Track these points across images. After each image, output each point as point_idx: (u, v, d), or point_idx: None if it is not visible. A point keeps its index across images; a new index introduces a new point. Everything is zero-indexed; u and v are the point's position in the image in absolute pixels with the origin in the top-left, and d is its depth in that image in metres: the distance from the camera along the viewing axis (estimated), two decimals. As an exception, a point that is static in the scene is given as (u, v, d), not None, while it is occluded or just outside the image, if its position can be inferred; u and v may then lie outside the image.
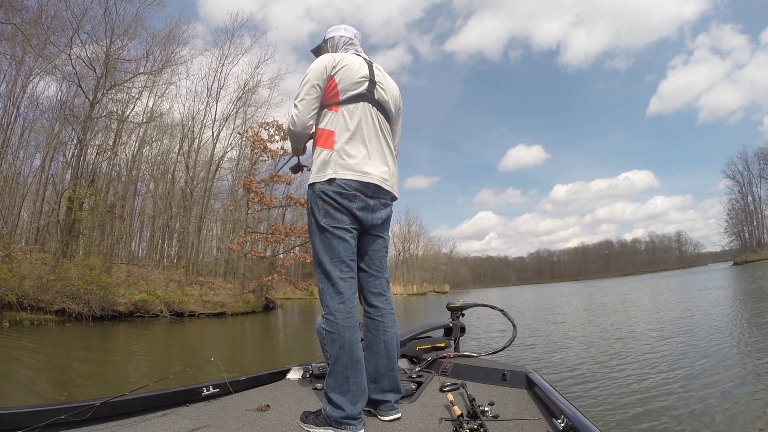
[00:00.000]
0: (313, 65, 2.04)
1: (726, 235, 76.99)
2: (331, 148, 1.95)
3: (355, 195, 1.93)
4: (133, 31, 24.03)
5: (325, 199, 1.91)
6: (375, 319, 2.05)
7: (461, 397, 2.08)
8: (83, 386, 6.30)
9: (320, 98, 2.02)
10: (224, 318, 20.44)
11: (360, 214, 1.96)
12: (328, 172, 1.93)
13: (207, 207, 28.80)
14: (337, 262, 1.91)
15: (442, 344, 3.18)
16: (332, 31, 2.31)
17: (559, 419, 1.64)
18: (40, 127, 23.91)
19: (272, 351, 10.80)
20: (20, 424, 1.58)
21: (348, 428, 1.77)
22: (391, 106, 2.16)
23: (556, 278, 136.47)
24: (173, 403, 2.13)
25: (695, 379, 5.40)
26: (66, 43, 21.64)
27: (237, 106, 28.87)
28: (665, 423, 3.99)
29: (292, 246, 26.39)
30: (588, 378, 5.84)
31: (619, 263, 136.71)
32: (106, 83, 22.33)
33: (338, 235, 1.91)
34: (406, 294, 64.72)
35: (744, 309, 12.66)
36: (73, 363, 8.43)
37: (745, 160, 69.80)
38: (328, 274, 1.90)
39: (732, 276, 34.11)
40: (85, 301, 15.78)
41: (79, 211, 19.08)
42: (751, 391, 4.74)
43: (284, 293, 37.22)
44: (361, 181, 1.94)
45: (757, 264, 53.39)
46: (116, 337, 12.93)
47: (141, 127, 26.67)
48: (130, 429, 1.78)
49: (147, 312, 18.13)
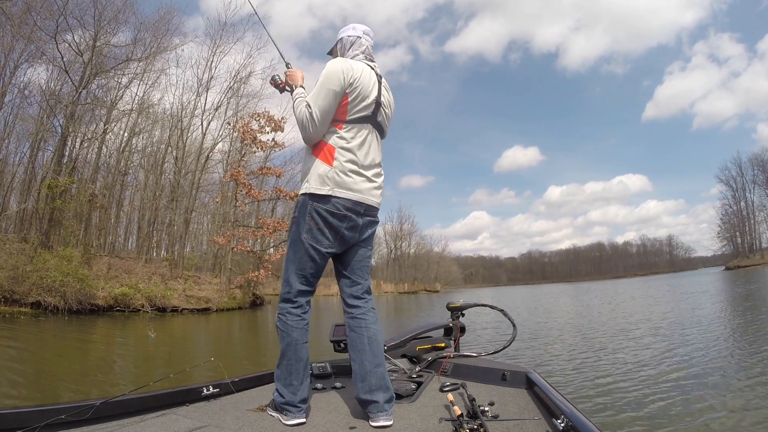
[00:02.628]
0: (330, 71, 2.03)
1: (718, 240, 77.30)
2: (329, 164, 1.98)
3: (346, 216, 1.98)
4: (122, 17, 23.45)
5: (315, 217, 1.97)
6: (357, 318, 2.08)
7: (461, 397, 2.08)
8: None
9: (337, 105, 2.02)
10: (208, 314, 19.74)
11: (347, 234, 2.03)
12: (324, 188, 1.96)
13: (195, 199, 28.07)
14: (300, 275, 2.03)
15: (442, 344, 3.18)
16: (342, 31, 2.30)
17: (559, 419, 1.63)
18: (26, 115, 23.14)
19: (255, 351, 10.22)
20: (20, 424, 1.57)
21: (287, 414, 1.91)
22: (387, 125, 2.23)
23: (547, 279, 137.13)
24: (173, 402, 2.13)
25: (695, 378, 5.50)
26: (53, 28, 21.07)
27: (228, 96, 28.15)
28: (665, 423, 4.03)
29: (281, 241, 25.67)
30: (587, 378, 5.91)
31: (610, 266, 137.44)
32: (93, 69, 21.68)
33: (310, 254, 2.00)
34: (397, 292, 64.14)
35: (741, 312, 12.58)
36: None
37: (739, 165, 70.09)
38: (289, 283, 2.04)
39: (727, 279, 33.98)
40: (61, 293, 15.04)
41: (59, 199, 18.31)
42: (751, 392, 4.79)
43: (274, 289, 36.46)
44: (355, 200, 1.99)
45: (749, 269, 53.54)
46: (87, 333, 12.23)
47: (129, 116, 26.00)
48: (130, 429, 1.78)
49: (127, 306, 17.38)
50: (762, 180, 67.44)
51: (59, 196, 18.52)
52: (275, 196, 24.49)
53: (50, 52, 21.48)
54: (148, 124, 28.27)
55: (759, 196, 68.47)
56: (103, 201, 22.84)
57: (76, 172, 21.90)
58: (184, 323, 16.10)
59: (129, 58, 23.90)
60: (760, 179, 67.66)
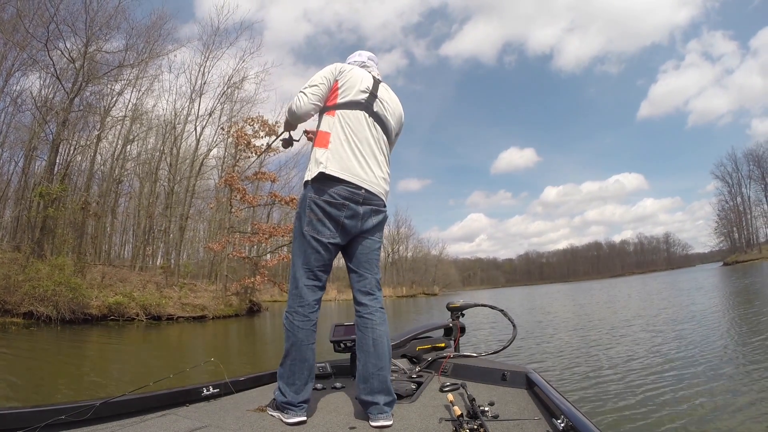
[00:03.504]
0: (329, 67, 2.18)
1: (715, 236, 77.47)
2: (325, 147, 2.04)
3: (344, 204, 2.00)
4: (114, 23, 23.22)
5: (314, 209, 2.00)
6: (364, 317, 2.08)
7: (461, 397, 2.08)
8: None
9: (327, 92, 2.13)
10: (204, 322, 19.43)
11: (348, 223, 2.04)
12: (319, 167, 1.99)
13: (190, 206, 27.81)
14: (306, 269, 2.03)
15: (442, 344, 3.18)
16: (349, 58, 2.46)
17: (559, 419, 1.63)
18: (19, 124, 23.02)
19: (252, 357, 10.02)
20: (20, 424, 1.57)
21: (288, 413, 1.89)
22: (392, 124, 2.26)
23: (545, 280, 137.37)
24: (173, 403, 2.13)
25: (694, 378, 5.43)
26: (44, 36, 20.87)
27: (222, 101, 27.95)
28: (665, 423, 4.01)
29: (278, 246, 25.42)
30: (587, 377, 5.86)
31: (608, 264, 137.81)
32: (85, 76, 21.46)
33: (313, 246, 2.01)
34: (395, 296, 63.93)
35: (743, 308, 12.51)
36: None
37: (734, 161, 70.42)
38: (295, 278, 2.04)
39: (727, 275, 33.93)
40: (54, 303, 14.76)
41: (51, 207, 18.05)
42: (749, 391, 4.75)
43: (272, 296, 36.11)
44: (351, 186, 2.01)
45: (747, 264, 53.57)
46: (79, 342, 11.98)
47: (123, 123, 25.79)
48: (130, 429, 1.78)
49: (122, 315, 17.03)
50: (758, 175, 67.83)
51: (51, 204, 18.25)
52: (270, 202, 24.23)
53: (42, 59, 21.31)
54: (142, 131, 28.08)
55: (755, 191, 68.94)
56: (96, 209, 22.55)
57: (68, 179, 21.68)
58: (179, 331, 15.84)
59: (122, 64, 23.71)
60: (755, 174, 68.13)
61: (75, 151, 22.54)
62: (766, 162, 66.70)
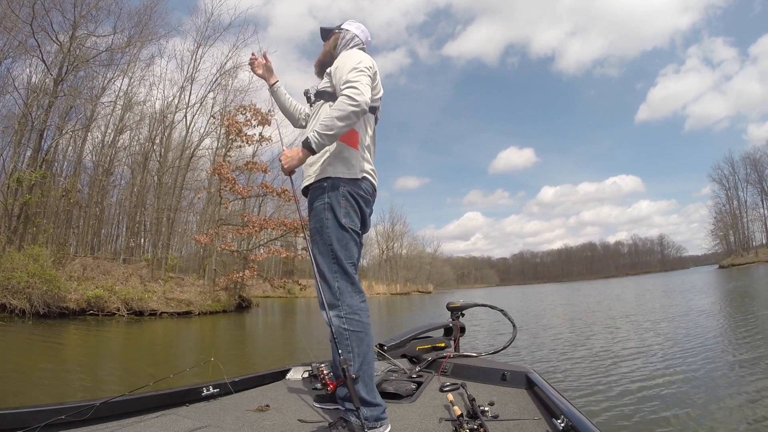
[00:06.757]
0: (365, 57, 1.99)
1: (711, 238, 77.36)
2: (355, 148, 1.96)
3: (369, 200, 2.01)
4: (103, 3, 22.28)
5: (350, 200, 1.91)
6: None
7: (461, 397, 2.05)
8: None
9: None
10: (190, 317, 18.55)
11: (369, 218, 2.05)
12: (357, 170, 1.93)
13: (180, 198, 26.87)
14: (350, 264, 1.90)
15: (442, 344, 3.17)
16: (349, 24, 2.24)
17: (559, 419, 1.61)
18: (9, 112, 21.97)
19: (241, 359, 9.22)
20: (20, 424, 1.55)
21: (385, 421, 1.75)
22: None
23: (539, 279, 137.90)
24: (173, 403, 2.10)
25: (694, 378, 5.41)
26: (29, 15, 19.93)
27: (215, 89, 26.96)
28: (665, 423, 3.99)
29: (269, 239, 24.55)
30: (586, 377, 5.84)
31: (602, 266, 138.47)
32: (72, 59, 20.55)
33: (354, 238, 1.93)
34: (389, 293, 63.34)
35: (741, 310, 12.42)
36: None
37: (732, 164, 70.22)
38: (347, 273, 1.88)
39: (725, 278, 33.56)
40: (26, 296, 13.88)
41: (28, 194, 17.13)
42: (750, 391, 4.70)
43: (263, 291, 35.28)
44: (375, 186, 2.05)
45: (743, 267, 53.30)
46: (52, 337, 11.12)
47: (113, 112, 24.89)
48: (130, 429, 1.76)
49: (101, 310, 16.10)
50: (755, 179, 67.59)
51: (29, 191, 17.32)
52: (262, 193, 23.30)
53: (30, 45, 20.29)
54: (132, 120, 27.08)
55: (752, 194, 68.75)
56: (78, 198, 21.60)
57: (53, 166, 20.78)
58: (162, 328, 15.00)
59: (110, 47, 22.81)
60: (752, 178, 67.91)
61: (61, 137, 21.64)
62: (763, 166, 66.58)
